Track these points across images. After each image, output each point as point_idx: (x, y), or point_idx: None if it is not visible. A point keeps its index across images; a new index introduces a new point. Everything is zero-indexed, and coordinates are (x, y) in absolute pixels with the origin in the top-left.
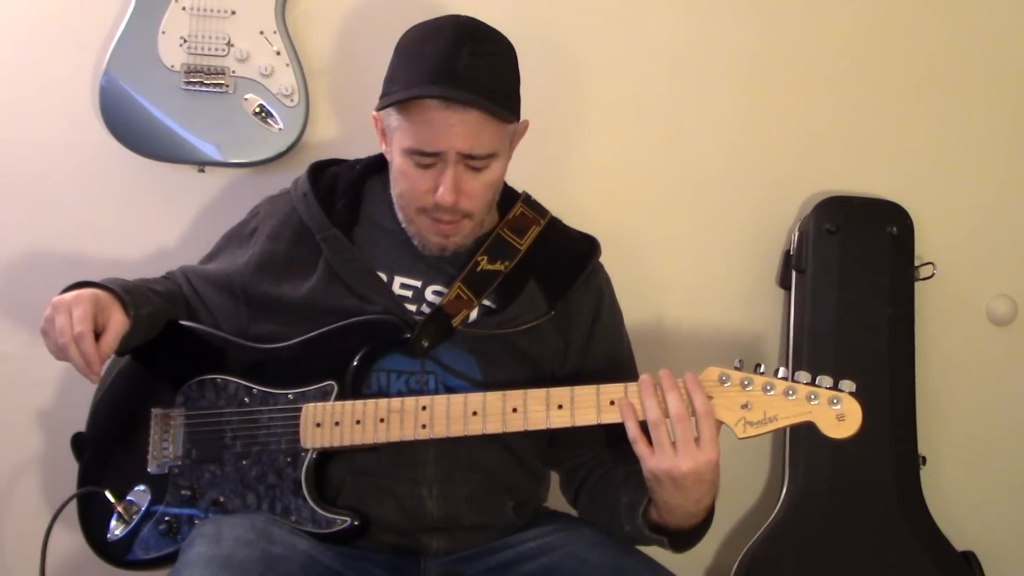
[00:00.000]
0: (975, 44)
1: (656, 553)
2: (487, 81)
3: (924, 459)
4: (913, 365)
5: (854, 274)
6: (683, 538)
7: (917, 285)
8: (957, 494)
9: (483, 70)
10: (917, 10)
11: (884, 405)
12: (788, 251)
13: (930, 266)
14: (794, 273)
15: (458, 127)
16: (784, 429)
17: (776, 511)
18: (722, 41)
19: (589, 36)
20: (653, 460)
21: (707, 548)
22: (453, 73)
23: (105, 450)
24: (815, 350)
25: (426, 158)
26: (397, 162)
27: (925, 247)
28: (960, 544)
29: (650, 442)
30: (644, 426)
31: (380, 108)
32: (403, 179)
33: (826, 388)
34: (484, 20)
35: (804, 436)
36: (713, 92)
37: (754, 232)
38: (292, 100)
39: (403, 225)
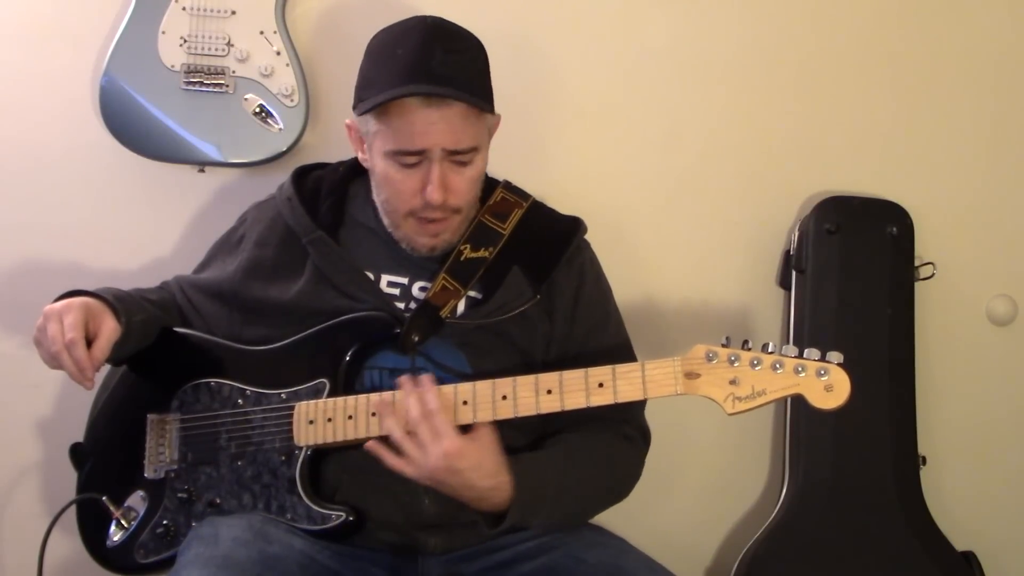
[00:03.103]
0: (975, 44)
1: (656, 552)
2: (463, 76)
3: (924, 459)
4: (913, 365)
5: (854, 274)
6: (492, 517)
7: (917, 285)
8: (957, 494)
9: (458, 66)
10: (917, 10)
11: (884, 405)
12: (788, 251)
13: (930, 266)
14: (794, 273)
15: (440, 124)
16: (783, 404)
17: (776, 511)
18: (722, 39)
19: (588, 34)
20: (412, 470)
21: (707, 548)
22: (430, 71)
23: (103, 458)
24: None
25: (410, 158)
26: (380, 167)
27: (925, 247)
28: (960, 544)
29: None
30: None
31: (361, 113)
32: (387, 184)
33: (813, 360)
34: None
35: (804, 435)
36: (713, 92)
37: (754, 232)
38: (292, 100)
39: (390, 230)
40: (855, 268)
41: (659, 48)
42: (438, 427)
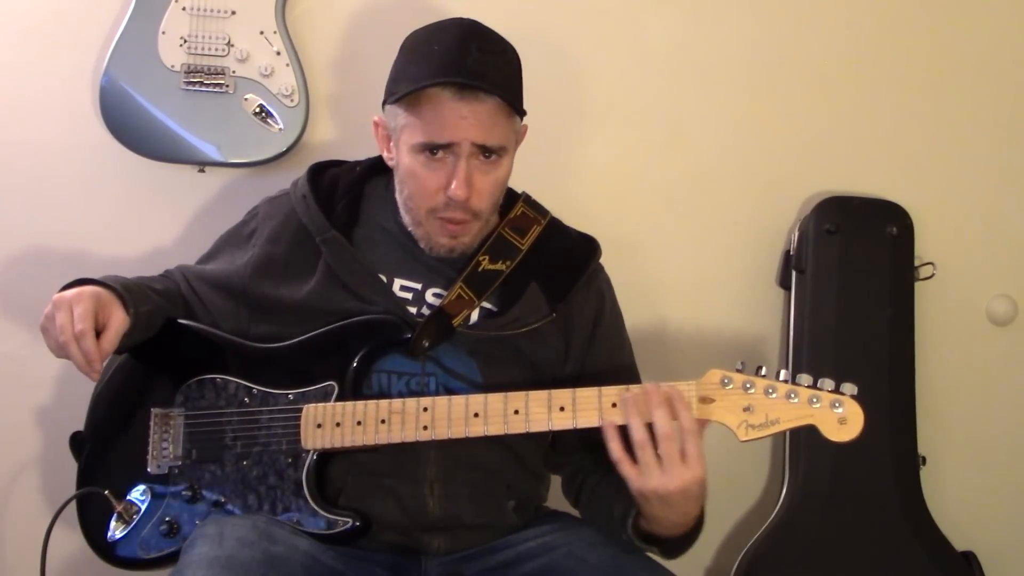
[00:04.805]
0: (975, 44)
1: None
2: (497, 76)
3: (924, 459)
4: (913, 365)
5: (854, 274)
6: (675, 545)
7: (917, 285)
8: (957, 494)
9: (492, 65)
10: (916, 10)
11: (884, 405)
12: (788, 251)
13: (930, 266)
14: (794, 273)
15: (471, 118)
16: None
17: (776, 511)
18: (722, 41)
19: (589, 38)
20: (640, 480)
21: (707, 548)
22: (464, 66)
23: (104, 450)
24: (815, 350)
25: (438, 152)
26: (406, 162)
27: (925, 247)
28: (960, 544)
29: (634, 460)
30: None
31: (392, 101)
32: (412, 180)
33: (828, 391)
34: (486, 22)
35: (804, 436)
36: (713, 93)
37: (754, 232)
38: (292, 100)
39: (410, 228)
40: (855, 268)
41: (659, 51)
42: (691, 451)
